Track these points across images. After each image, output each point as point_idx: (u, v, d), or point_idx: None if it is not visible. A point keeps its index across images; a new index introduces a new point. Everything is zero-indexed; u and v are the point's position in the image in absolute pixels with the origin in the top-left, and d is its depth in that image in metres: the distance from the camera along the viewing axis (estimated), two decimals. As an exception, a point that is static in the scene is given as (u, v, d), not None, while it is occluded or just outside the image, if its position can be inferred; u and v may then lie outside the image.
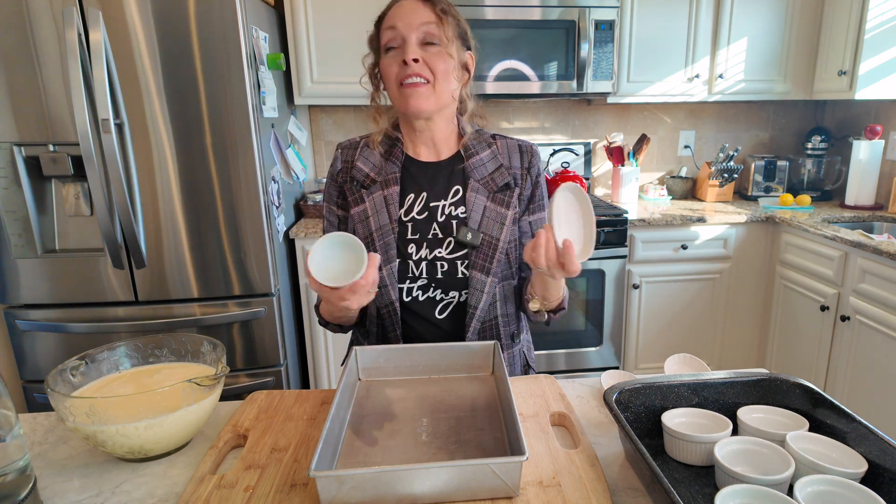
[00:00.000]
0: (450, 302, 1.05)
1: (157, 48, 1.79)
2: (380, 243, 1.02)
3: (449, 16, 0.99)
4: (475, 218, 1.03)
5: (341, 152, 1.10)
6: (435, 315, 1.06)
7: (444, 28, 0.98)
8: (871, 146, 2.56)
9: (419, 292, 1.04)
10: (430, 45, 0.98)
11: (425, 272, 1.03)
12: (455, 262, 1.03)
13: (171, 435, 0.78)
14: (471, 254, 1.03)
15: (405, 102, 0.99)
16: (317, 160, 2.86)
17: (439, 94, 0.99)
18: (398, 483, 0.65)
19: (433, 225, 1.04)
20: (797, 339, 2.44)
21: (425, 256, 1.03)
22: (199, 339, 0.93)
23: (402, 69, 0.97)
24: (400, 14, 0.98)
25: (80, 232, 1.94)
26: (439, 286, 1.04)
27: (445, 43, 0.98)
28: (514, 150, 1.09)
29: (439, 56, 0.97)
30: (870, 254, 2.02)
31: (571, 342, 2.52)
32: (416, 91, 0.97)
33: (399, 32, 0.97)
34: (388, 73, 0.99)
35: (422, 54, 0.97)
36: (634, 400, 0.83)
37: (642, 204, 2.81)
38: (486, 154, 1.08)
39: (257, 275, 2.02)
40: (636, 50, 2.55)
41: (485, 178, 1.06)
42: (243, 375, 2.10)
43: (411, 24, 0.96)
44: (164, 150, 1.87)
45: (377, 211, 1.03)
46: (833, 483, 0.64)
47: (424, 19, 0.97)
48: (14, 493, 0.66)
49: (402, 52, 0.97)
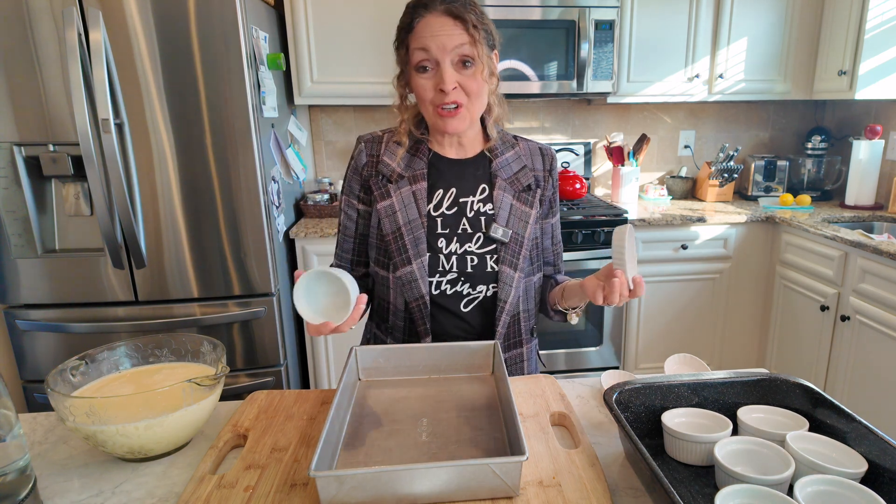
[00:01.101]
0: (476, 297, 1.07)
1: (157, 48, 1.79)
2: (409, 238, 1.03)
3: (480, 29, 0.97)
4: (503, 215, 1.06)
5: (365, 146, 1.09)
6: (461, 308, 1.07)
7: (478, 46, 0.96)
8: (871, 146, 2.56)
9: (447, 286, 1.06)
10: (464, 66, 0.97)
11: (455, 266, 1.05)
12: (485, 256, 1.05)
13: (171, 435, 0.78)
14: (500, 249, 1.06)
15: (441, 125, 1.00)
16: (317, 160, 2.86)
17: (473, 113, 1.01)
18: (398, 483, 0.65)
19: (462, 220, 1.06)
20: (797, 339, 2.44)
21: (455, 251, 1.05)
22: (199, 339, 0.93)
23: (438, 95, 0.97)
24: (430, 33, 0.95)
25: (80, 232, 1.94)
26: (468, 280, 1.06)
27: (478, 61, 0.97)
28: (535, 153, 1.13)
29: (473, 77, 0.97)
30: (870, 254, 2.02)
31: (571, 342, 2.52)
32: (453, 117, 0.99)
33: (432, 55, 0.95)
34: (422, 95, 0.99)
35: (457, 78, 0.96)
36: (634, 400, 0.83)
37: (642, 204, 2.81)
38: (510, 154, 1.10)
39: (257, 275, 2.02)
40: (636, 50, 2.55)
41: (510, 178, 1.08)
42: (243, 375, 2.10)
43: (444, 48, 0.94)
44: (164, 150, 1.87)
45: (405, 206, 1.04)
46: (833, 483, 0.64)
47: (457, 41, 0.94)
48: (14, 493, 0.66)
49: (435, 75, 0.96)
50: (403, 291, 1.05)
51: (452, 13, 0.95)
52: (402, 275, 1.04)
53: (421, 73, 0.97)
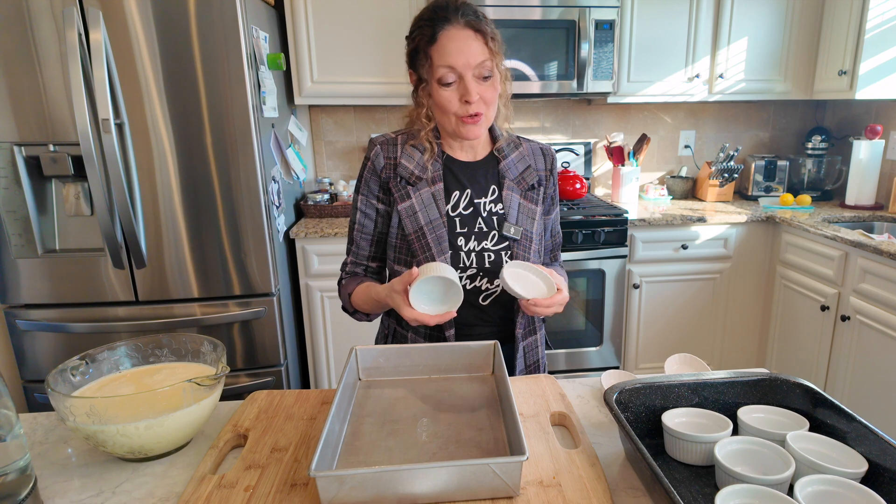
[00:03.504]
0: (493, 291, 1.13)
1: (158, 48, 1.79)
2: (431, 236, 1.09)
3: (496, 41, 1.04)
4: (513, 214, 1.13)
5: (381, 148, 1.13)
6: (479, 302, 1.13)
7: (495, 58, 1.04)
8: (872, 146, 2.56)
9: (467, 281, 1.11)
10: (484, 78, 1.03)
11: (475, 262, 1.11)
12: (500, 252, 1.12)
13: (171, 435, 0.78)
14: (513, 246, 1.12)
15: (464, 132, 1.07)
16: (317, 160, 2.86)
17: (489, 118, 1.09)
18: (398, 483, 0.65)
19: (478, 220, 1.12)
20: (797, 339, 2.44)
21: (474, 248, 1.11)
22: (199, 338, 0.93)
23: (463, 107, 1.04)
24: (456, 49, 1.00)
25: (81, 232, 1.94)
26: (486, 275, 1.12)
27: (496, 72, 1.05)
28: (537, 153, 1.20)
29: (492, 87, 1.05)
30: (870, 254, 2.02)
31: (572, 342, 2.52)
32: (475, 124, 1.06)
33: (457, 72, 1.01)
34: (446, 107, 1.05)
35: (479, 90, 1.03)
36: (634, 400, 0.83)
37: (642, 204, 2.80)
38: (515, 155, 1.17)
39: (257, 275, 2.02)
40: (636, 50, 2.55)
41: (517, 178, 1.16)
42: (243, 375, 2.10)
43: (468, 64, 1.01)
44: (165, 149, 1.87)
45: (425, 206, 1.10)
46: (833, 483, 0.64)
47: (480, 58, 1.01)
48: (14, 493, 0.66)
49: (459, 88, 1.03)
50: None
51: (473, 26, 1.01)
52: None
53: (445, 88, 1.03)
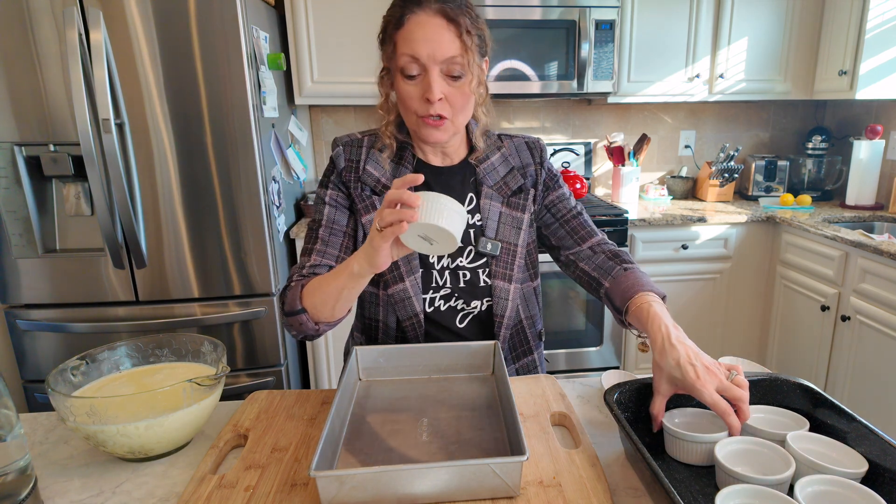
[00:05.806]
0: (471, 312, 1.04)
1: (158, 48, 1.79)
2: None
3: (473, 35, 0.90)
4: (491, 226, 1.02)
5: (343, 149, 1.03)
6: (456, 324, 1.04)
7: (468, 55, 0.90)
8: (872, 146, 2.56)
9: (441, 302, 1.02)
10: (453, 77, 0.91)
11: (449, 281, 1.02)
12: (476, 270, 1.02)
13: (171, 435, 0.78)
14: (491, 263, 1.02)
15: (423, 134, 0.96)
16: (317, 160, 2.86)
17: (458, 125, 0.97)
18: (398, 483, 0.65)
19: None
20: (797, 339, 2.44)
21: (447, 265, 1.01)
22: (199, 338, 0.93)
23: (423, 105, 0.91)
24: (422, 37, 0.88)
25: (81, 232, 1.94)
26: (462, 295, 1.02)
27: (468, 73, 0.91)
28: (522, 149, 1.08)
29: (460, 90, 0.92)
30: (870, 254, 2.02)
31: (572, 342, 2.51)
32: (436, 128, 0.94)
33: (421, 64, 0.89)
34: (407, 103, 0.93)
35: (444, 90, 0.90)
36: (634, 400, 0.83)
37: (643, 204, 2.80)
38: (496, 158, 1.05)
39: (258, 275, 2.02)
40: (636, 50, 2.55)
41: (497, 184, 1.04)
42: (244, 375, 2.10)
43: (434, 57, 0.88)
44: (165, 149, 1.87)
45: None
46: (833, 483, 0.64)
47: (449, 52, 0.88)
48: (14, 493, 0.66)
49: (422, 83, 0.90)
50: (396, 309, 1.01)
51: (446, 14, 0.88)
52: (394, 292, 1.00)
53: (408, 81, 0.91)
